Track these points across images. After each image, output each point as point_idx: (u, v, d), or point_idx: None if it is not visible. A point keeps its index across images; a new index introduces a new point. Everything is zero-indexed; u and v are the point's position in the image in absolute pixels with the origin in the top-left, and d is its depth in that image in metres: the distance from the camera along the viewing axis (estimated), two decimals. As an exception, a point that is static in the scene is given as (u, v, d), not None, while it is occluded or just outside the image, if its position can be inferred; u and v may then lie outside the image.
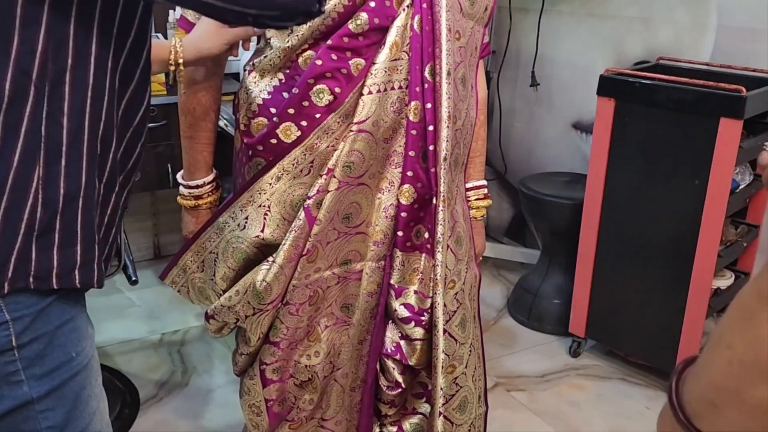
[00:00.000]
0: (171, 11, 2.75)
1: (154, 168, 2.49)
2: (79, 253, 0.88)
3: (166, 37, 2.73)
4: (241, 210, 1.22)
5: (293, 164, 1.18)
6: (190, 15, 1.25)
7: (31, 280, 0.84)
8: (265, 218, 1.20)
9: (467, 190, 1.40)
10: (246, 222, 1.22)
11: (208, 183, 1.32)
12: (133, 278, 1.82)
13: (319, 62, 1.15)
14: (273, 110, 1.20)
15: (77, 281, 0.88)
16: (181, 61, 1.17)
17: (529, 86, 2.90)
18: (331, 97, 1.16)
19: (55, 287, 0.86)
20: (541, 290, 2.63)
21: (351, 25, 1.13)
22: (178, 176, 1.33)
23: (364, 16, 1.13)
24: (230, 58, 1.25)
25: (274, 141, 1.20)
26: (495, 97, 3.04)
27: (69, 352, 0.91)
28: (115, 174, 0.91)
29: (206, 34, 1.18)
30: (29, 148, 0.81)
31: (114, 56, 0.84)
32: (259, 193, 1.20)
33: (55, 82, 0.81)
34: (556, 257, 2.62)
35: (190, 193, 1.32)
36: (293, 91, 1.17)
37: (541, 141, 3.00)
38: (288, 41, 1.16)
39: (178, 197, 1.34)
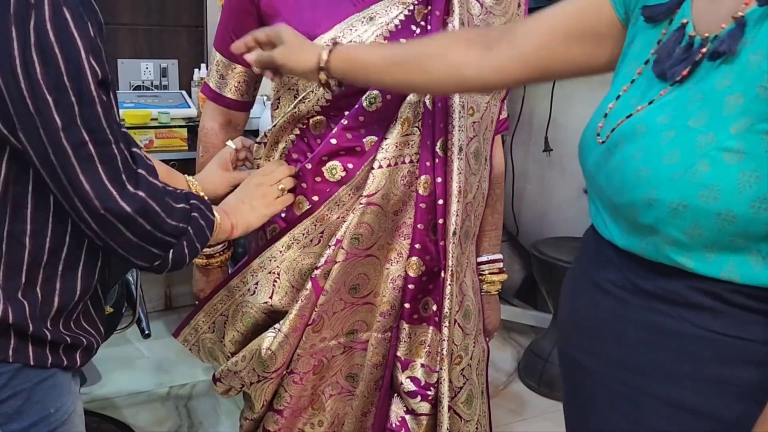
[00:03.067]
0: (196, 69, 2.84)
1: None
2: (50, 346, 0.93)
3: (190, 95, 2.81)
4: (252, 275, 1.23)
5: (303, 234, 1.19)
6: (212, 82, 1.29)
7: (10, 353, 0.89)
8: (274, 285, 1.21)
9: (481, 263, 1.40)
10: (256, 288, 1.23)
11: (219, 243, 1.34)
12: (147, 332, 1.83)
13: (333, 141, 1.16)
14: None
15: (49, 362, 0.93)
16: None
17: (542, 151, 2.94)
18: (344, 173, 1.17)
19: (32, 363, 0.91)
20: (553, 356, 2.60)
21: (365, 103, 1.14)
22: None
23: (376, 92, 1.14)
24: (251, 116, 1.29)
25: (285, 213, 1.22)
26: (508, 159, 3.08)
27: (47, 408, 0.94)
28: (78, 285, 0.95)
29: (211, 178, 1.23)
30: None
31: None
32: (270, 260, 1.21)
33: (18, 205, 0.87)
34: (567, 322, 2.60)
35: (202, 252, 1.33)
36: (306, 166, 1.19)
37: (553, 204, 3.01)
38: (296, 107, 1.17)
39: None
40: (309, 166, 1.19)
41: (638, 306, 0.85)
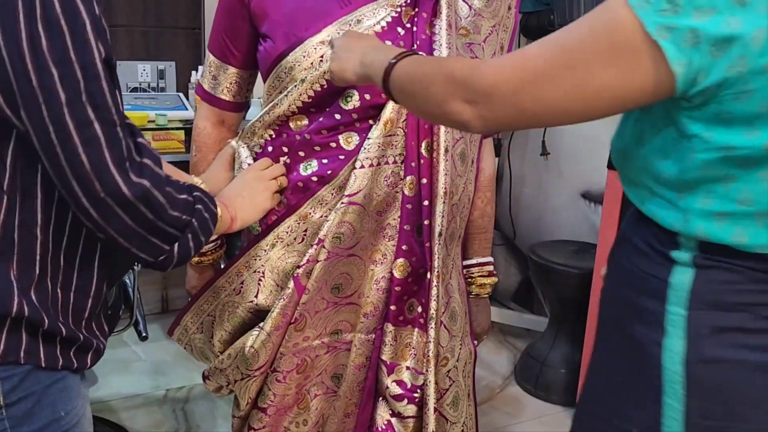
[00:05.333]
0: (193, 71, 2.84)
1: (167, 223, 2.52)
2: (60, 346, 0.92)
3: (187, 97, 2.80)
4: (237, 275, 1.24)
5: (287, 232, 1.19)
6: (206, 83, 1.30)
7: (22, 354, 0.88)
8: (259, 284, 1.22)
9: (472, 266, 1.40)
10: (242, 287, 1.23)
11: (213, 241, 1.35)
12: (144, 334, 1.83)
13: (307, 136, 1.17)
14: None
15: (59, 364, 0.92)
16: None
17: (539, 155, 2.94)
18: (316, 168, 1.18)
19: (43, 365, 0.90)
20: (549, 359, 2.61)
21: (342, 102, 1.14)
22: None
23: (354, 93, 1.14)
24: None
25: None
26: (505, 163, 3.08)
27: (58, 411, 0.92)
28: (88, 281, 0.94)
29: (216, 179, 1.24)
30: (4, 252, 0.86)
31: None
32: (255, 259, 1.22)
33: (27, 194, 0.85)
34: (563, 325, 2.61)
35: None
36: (285, 160, 1.19)
37: (550, 208, 3.02)
38: (279, 104, 1.17)
39: None
40: (288, 160, 1.19)
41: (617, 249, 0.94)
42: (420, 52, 0.99)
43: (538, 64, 0.76)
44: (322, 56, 1.13)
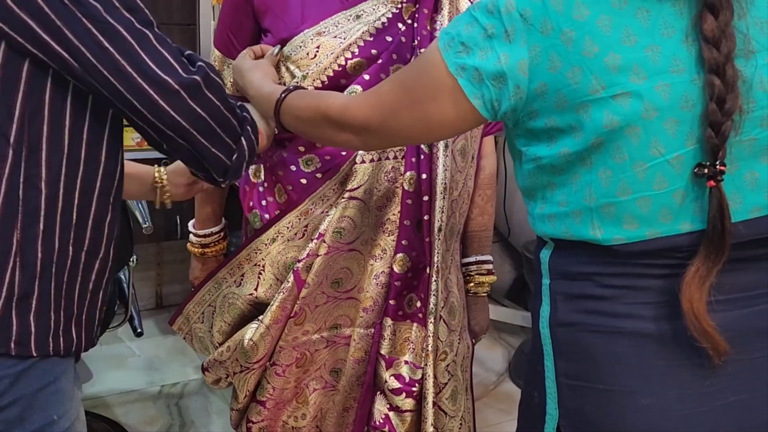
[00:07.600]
0: (188, 68, 2.84)
1: (162, 219, 2.52)
2: (53, 319, 0.88)
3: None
4: (239, 267, 1.25)
5: (288, 227, 1.20)
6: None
7: (12, 345, 0.85)
8: (259, 277, 1.23)
9: (470, 264, 1.40)
10: (242, 279, 1.24)
11: (216, 233, 1.37)
12: (139, 330, 1.83)
13: None
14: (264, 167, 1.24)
15: (51, 348, 0.89)
16: (167, 186, 1.18)
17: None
18: (319, 165, 1.18)
19: (34, 354, 0.87)
20: (543, 355, 2.62)
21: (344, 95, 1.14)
22: (190, 225, 1.40)
23: (358, 89, 1.14)
24: None
25: (270, 199, 1.24)
26: (501, 160, 3.08)
27: (50, 415, 0.90)
28: (98, 242, 0.92)
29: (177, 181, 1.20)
30: (8, 210, 0.83)
31: (90, 127, 0.87)
32: (255, 252, 1.23)
33: (32, 148, 0.83)
34: (557, 322, 2.62)
35: (198, 241, 1.37)
36: (283, 154, 1.20)
37: (545, 206, 3.03)
38: None
39: (188, 244, 1.40)
40: (285, 154, 1.20)
41: None
42: (301, 89, 1.06)
43: (390, 101, 0.90)
44: (318, 47, 1.14)
